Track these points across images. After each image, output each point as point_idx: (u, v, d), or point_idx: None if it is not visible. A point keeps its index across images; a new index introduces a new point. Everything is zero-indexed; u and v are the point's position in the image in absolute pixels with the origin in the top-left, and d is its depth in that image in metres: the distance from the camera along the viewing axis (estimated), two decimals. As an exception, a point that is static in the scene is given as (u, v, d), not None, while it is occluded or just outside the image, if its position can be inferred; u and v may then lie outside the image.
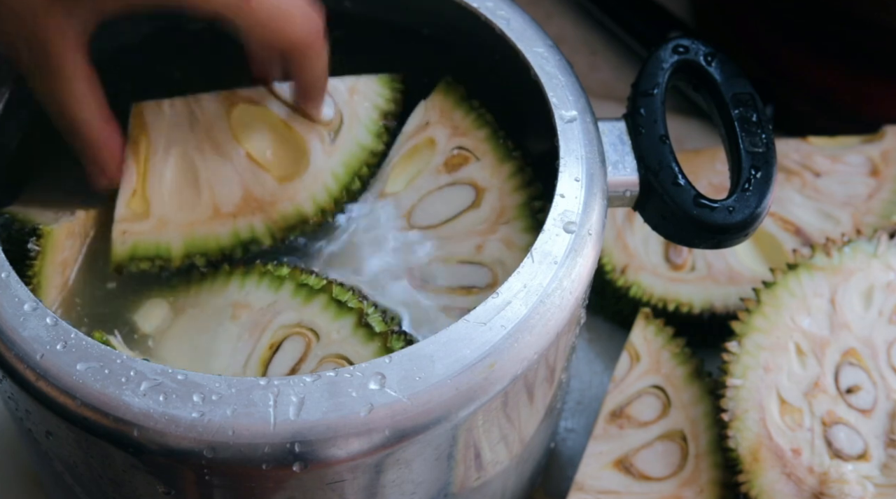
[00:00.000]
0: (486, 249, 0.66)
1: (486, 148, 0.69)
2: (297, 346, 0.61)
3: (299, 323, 0.62)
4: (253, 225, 0.65)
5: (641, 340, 0.81)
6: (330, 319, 0.61)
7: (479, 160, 0.68)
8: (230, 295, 0.64)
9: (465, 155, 0.69)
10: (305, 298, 0.62)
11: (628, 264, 0.85)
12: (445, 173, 0.69)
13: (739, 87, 0.66)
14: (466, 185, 0.68)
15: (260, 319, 0.62)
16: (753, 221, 0.62)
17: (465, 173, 0.68)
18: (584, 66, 1.04)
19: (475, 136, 0.69)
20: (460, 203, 0.68)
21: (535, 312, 0.56)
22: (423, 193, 0.68)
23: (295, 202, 0.66)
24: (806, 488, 0.74)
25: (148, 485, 0.56)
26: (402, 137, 0.70)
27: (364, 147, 0.68)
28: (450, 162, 0.69)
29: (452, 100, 0.70)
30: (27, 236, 0.63)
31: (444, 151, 0.69)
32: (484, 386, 0.54)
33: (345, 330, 0.61)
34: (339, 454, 0.52)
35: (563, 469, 0.82)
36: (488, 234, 0.66)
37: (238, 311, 0.63)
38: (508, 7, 0.67)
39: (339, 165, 0.67)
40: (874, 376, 0.77)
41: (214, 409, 0.51)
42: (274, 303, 0.63)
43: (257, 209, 0.65)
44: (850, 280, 0.79)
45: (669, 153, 0.63)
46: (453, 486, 0.62)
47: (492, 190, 0.68)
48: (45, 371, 0.53)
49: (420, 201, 0.68)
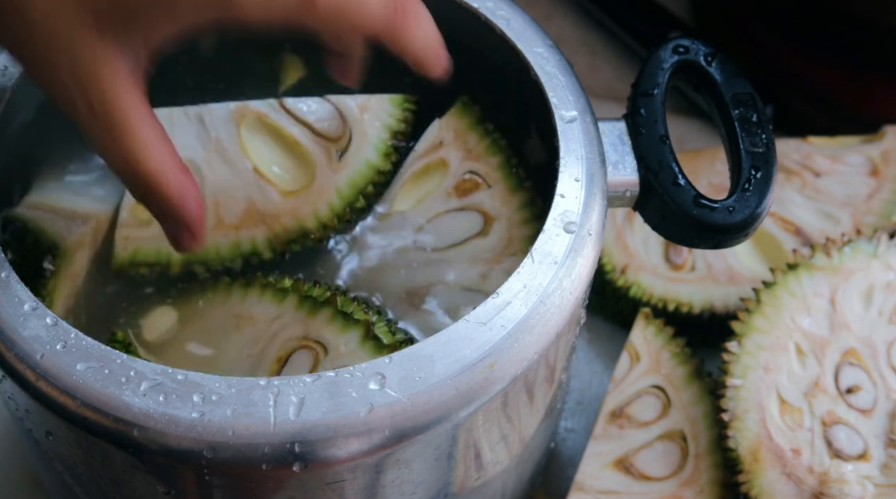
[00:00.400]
0: (492, 279, 0.66)
1: (497, 176, 0.68)
2: (306, 359, 0.61)
3: (306, 336, 0.62)
4: (255, 237, 0.65)
5: (641, 340, 0.81)
6: (336, 332, 0.61)
7: (491, 188, 0.68)
8: (233, 306, 0.64)
9: (477, 181, 0.69)
10: (310, 310, 0.62)
11: (628, 264, 0.85)
12: (455, 197, 0.68)
13: (739, 87, 0.66)
14: (475, 211, 0.68)
15: (265, 331, 0.62)
16: (753, 222, 0.62)
17: (476, 200, 0.68)
18: (584, 66, 1.04)
19: (488, 162, 0.69)
20: (468, 229, 0.68)
21: (535, 313, 0.56)
22: (432, 214, 0.68)
23: (297, 217, 0.66)
24: (806, 488, 0.74)
25: (148, 485, 0.56)
26: (415, 155, 0.70)
27: (371, 166, 0.68)
28: (460, 186, 0.69)
29: (468, 121, 0.70)
30: (42, 254, 0.63)
31: (456, 174, 0.69)
32: (484, 386, 0.54)
33: (352, 343, 0.61)
34: (339, 454, 0.52)
35: (563, 469, 0.82)
36: (494, 263, 0.66)
37: (242, 322, 0.63)
38: (508, 7, 0.67)
39: (345, 182, 0.67)
40: (874, 375, 0.77)
41: (214, 409, 0.51)
42: (279, 316, 0.63)
43: (260, 222, 0.66)
44: (850, 280, 0.79)
45: (669, 153, 0.63)
46: (453, 486, 0.62)
47: (500, 220, 0.67)
48: (45, 371, 0.53)
49: (427, 223, 0.68)
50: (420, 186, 0.69)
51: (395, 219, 0.68)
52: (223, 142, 0.66)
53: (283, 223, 0.66)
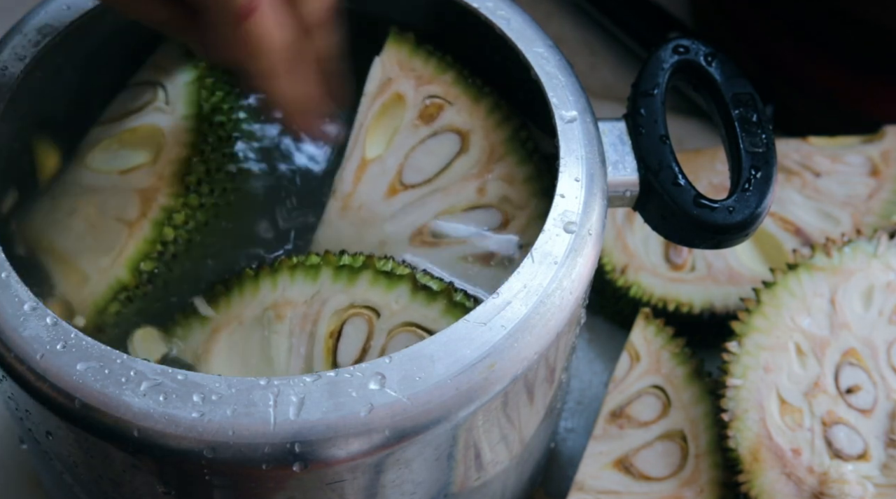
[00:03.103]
0: (489, 190, 0.65)
1: (456, 91, 0.68)
2: (360, 327, 0.60)
3: (352, 304, 0.61)
4: (158, 204, 0.65)
5: (641, 340, 0.81)
6: (383, 291, 0.60)
7: (454, 104, 0.67)
8: (265, 298, 0.62)
9: (438, 103, 0.68)
10: (349, 278, 0.61)
11: (628, 264, 0.85)
12: (424, 125, 0.67)
13: (739, 87, 0.66)
14: (448, 132, 0.67)
15: (308, 311, 0.61)
16: (753, 221, 0.62)
17: (444, 121, 0.67)
18: (584, 66, 1.04)
19: (442, 81, 0.68)
20: (448, 151, 0.67)
21: (535, 312, 0.56)
22: (407, 150, 0.67)
23: (171, 158, 0.65)
24: (806, 488, 0.74)
25: (148, 485, 0.56)
26: (367, 98, 0.69)
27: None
28: (424, 113, 0.68)
29: (407, 49, 0.69)
30: None
31: (416, 104, 0.68)
32: (484, 386, 0.54)
33: (403, 298, 0.60)
34: (339, 454, 0.52)
35: (563, 469, 0.82)
36: (485, 174, 0.66)
37: (281, 310, 0.61)
38: (508, 7, 0.67)
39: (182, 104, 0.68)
40: (874, 376, 0.77)
41: (214, 409, 0.51)
42: (317, 293, 0.61)
43: (155, 193, 0.65)
44: (850, 280, 0.79)
45: (669, 153, 0.63)
46: (453, 486, 0.62)
47: (475, 131, 0.67)
48: (45, 371, 0.53)
49: (406, 160, 0.67)
50: (385, 127, 0.68)
51: (373, 167, 0.67)
52: (85, 180, 0.66)
53: (169, 158, 0.65)
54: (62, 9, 0.65)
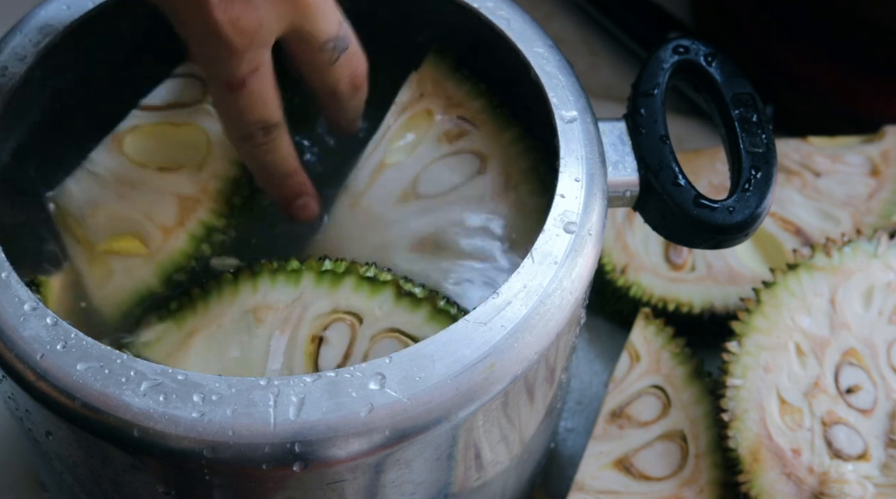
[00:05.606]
0: (498, 215, 0.66)
1: (484, 117, 0.68)
2: (342, 332, 0.60)
3: (335, 309, 0.61)
4: (199, 218, 0.65)
5: (641, 340, 0.81)
6: (367, 297, 0.60)
7: (479, 130, 0.68)
8: (244, 301, 0.62)
9: (464, 127, 0.68)
10: (332, 283, 0.61)
11: (628, 264, 0.85)
12: (447, 143, 0.68)
13: (739, 87, 0.66)
14: (469, 153, 0.68)
15: (289, 315, 0.61)
16: (753, 222, 0.62)
17: (466, 143, 0.68)
18: (584, 66, 1.04)
19: (471, 107, 0.69)
20: (465, 171, 0.67)
21: (535, 312, 0.56)
22: (427, 162, 0.68)
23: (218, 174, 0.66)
24: (806, 488, 0.74)
25: (148, 485, 0.56)
26: (397, 107, 0.69)
27: None
28: (450, 132, 0.68)
29: (444, 70, 0.70)
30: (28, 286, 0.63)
31: (443, 122, 0.68)
32: (484, 386, 0.54)
33: (386, 304, 0.60)
34: (339, 454, 0.52)
35: (563, 469, 0.82)
36: (497, 198, 0.66)
37: (261, 313, 0.61)
38: (508, 7, 0.67)
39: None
40: (874, 376, 0.77)
41: (214, 409, 0.51)
42: (299, 297, 0.61)
43: (196, 204, 0.65)
44: (850, 280, 0.79)
45: (669, 153, 0.63)
46: (453, 486, 0.62)
47: (495, 156, 0.67)
48: (45, 371, 0.53)
49: (424, 170, 0.67)
50: (409, 137, 0.69)
51: (390, 171, 0.68)
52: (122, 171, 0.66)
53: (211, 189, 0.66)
54: (62, 9, 0.65)
